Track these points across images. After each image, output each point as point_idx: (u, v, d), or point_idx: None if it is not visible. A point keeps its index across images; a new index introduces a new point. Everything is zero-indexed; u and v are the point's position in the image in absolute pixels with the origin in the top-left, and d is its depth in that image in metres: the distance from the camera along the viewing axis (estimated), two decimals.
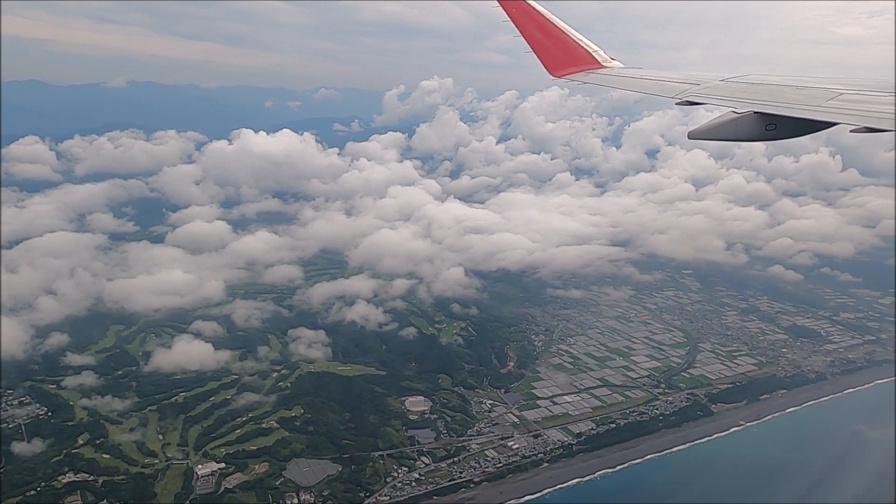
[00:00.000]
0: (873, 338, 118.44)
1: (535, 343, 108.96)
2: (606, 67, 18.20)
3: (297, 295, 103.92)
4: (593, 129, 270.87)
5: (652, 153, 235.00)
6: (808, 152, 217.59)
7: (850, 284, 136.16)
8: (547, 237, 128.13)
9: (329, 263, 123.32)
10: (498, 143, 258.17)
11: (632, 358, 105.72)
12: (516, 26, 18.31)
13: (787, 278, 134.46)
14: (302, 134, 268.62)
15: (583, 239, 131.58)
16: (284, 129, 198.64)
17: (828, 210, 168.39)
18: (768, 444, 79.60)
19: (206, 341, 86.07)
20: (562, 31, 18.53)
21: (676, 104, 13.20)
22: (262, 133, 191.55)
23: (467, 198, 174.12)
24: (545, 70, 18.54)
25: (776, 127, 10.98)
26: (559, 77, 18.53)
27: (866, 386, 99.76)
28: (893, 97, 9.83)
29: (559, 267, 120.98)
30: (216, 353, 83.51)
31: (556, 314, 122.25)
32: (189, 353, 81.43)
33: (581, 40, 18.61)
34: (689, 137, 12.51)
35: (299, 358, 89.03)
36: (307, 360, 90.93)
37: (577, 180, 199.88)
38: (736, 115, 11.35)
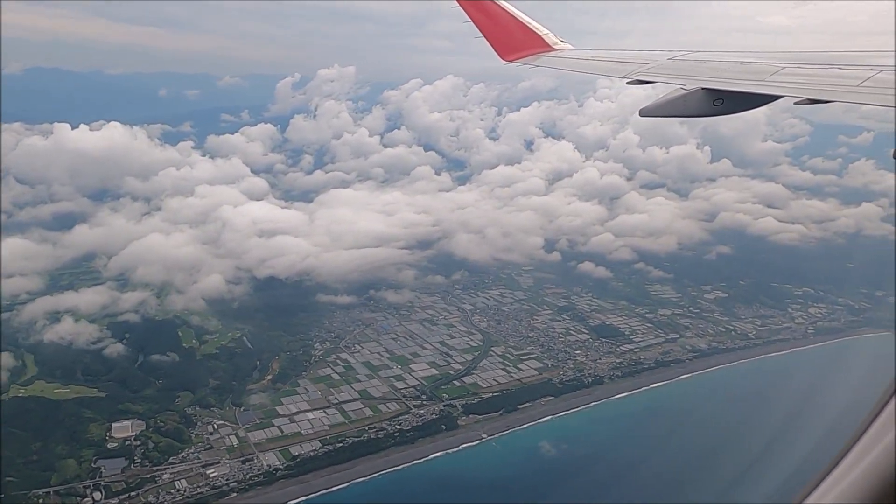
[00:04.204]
0: (677, 336, 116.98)
1: (315, 352, 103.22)
2: (556, 50, 18.22)
3: (16, 311, 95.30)
4: (482, 120, 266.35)
5: (530, 145, 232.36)
6: (681, 143, 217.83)
7: (663, 280, 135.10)
8: (339, 239, 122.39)
9: (80, 274, 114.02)
10: (385, 133, 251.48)
11: (411, 366, 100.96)
12: (466, 12, 18.37)
13: (597, 275, 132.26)
14: (181, 126, 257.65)
15: (382, 240, 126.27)
16: (113, 123, 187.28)
17: (670, 203, 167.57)
18: (487, 462, 75.78)
19: None
20: (511, 14, 18.57)
21: (627, 83, 13.45)
22: (83, 127, 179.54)
23: (305, 195, 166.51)
24: (496, 55, 18.58)
25: (723, 102, 11.19)
26: (511, 61, 18.46)
27: (642, 390, 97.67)
28: (831, 70, 10.15)
29: (346, 270, 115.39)
30: None
31: (359, 318, 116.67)
32: None
33: (530, 23, 18.66)
34: (640, 115, 12.65)
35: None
36: (20, 384, 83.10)
37: (438, 174, 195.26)
38: (685, 91, 11.51)
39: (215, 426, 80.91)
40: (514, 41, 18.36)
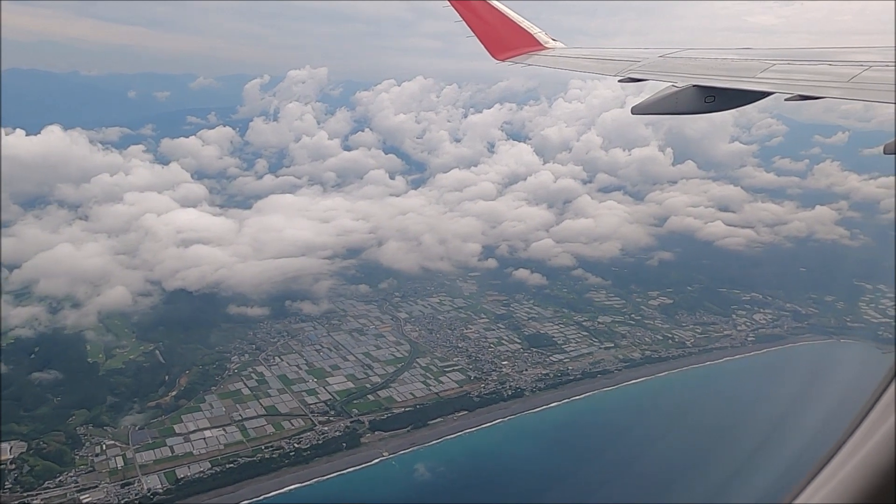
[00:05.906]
0: (612, 345, 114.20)
1: (231, 366, 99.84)
2: (548, 49, 18.25)
3: None
4: (449, 122, 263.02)
5: (492, 147, 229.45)
6: (644, 145, 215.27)
7: (605, 287, 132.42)
8: (262, 248, 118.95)
9: None
10: (350, 135, 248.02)
11: (327, 379, 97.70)
12: (457, 11, 18.38)
13: (532, 281, 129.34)
14: (142, 128, 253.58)
15: (308, 249, 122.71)
16: (52, 126, 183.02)
17: (621, 207, 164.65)
18: (384, 482, 72.82)
19: None
20: (503, 13, 18.70)
21: (619, 81, 13.35)
22: (20, 131, 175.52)
23: (247, 202, 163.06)
24: (488, 54, 18.65)
25: (715, 99, 11.19)
26: (502, 61, 18.45)
27: (563, 402, 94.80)
28: (820, 67, 10.24)
29: (258, 281, 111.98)
30: None
31: (285, 329, 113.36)
32: None
33: (522, 22, 18.77)
34: (632, 112, 12.53)
35: None
36: None
37: (392, 178, 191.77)
38: (676, 89, 11.51)
39: (104, 447, 77.53)
40: (505, 40, 18.49)
